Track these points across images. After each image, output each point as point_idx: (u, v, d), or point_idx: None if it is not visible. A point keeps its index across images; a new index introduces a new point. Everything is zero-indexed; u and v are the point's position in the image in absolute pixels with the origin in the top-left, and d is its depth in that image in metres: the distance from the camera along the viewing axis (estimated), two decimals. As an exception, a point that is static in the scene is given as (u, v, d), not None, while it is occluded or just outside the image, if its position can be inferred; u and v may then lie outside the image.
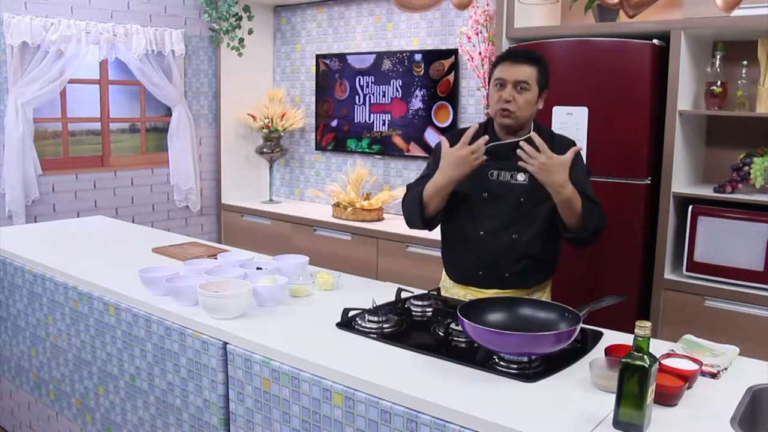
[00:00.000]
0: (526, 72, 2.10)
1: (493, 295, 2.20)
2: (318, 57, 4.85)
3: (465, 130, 2.14)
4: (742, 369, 1.66)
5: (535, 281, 2.27)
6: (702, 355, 1.67)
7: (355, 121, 4.68)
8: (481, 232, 2.20)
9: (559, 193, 2.02)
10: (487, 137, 2.06)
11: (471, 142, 2.08)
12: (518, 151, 2.00)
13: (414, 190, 2.24)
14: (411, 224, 2.27)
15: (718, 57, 2.97)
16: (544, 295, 2.33)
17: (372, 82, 4.56)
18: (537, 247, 2.20)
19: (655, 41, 2.91)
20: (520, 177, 2.16)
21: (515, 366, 1.60)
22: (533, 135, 2.03)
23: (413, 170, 4.40)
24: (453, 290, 2.34)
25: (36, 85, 4.03)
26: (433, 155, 2.30)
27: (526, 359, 1.60)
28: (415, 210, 2.19)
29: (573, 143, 2.22)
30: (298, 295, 2.21)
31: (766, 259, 2.73)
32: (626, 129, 2.97)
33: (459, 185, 2.13)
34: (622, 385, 1.33)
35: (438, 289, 2.28)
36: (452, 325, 1.80)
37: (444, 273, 2.41)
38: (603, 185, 3.04)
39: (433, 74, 4.23)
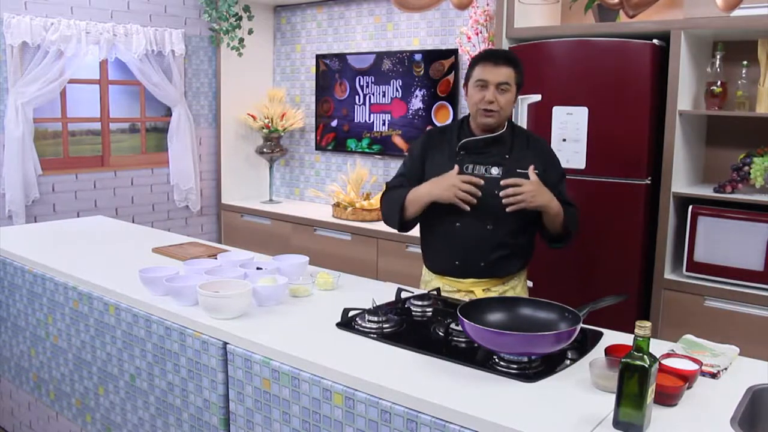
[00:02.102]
0: (507, 73, 2.19)
1: (470, 286, 2.30)
2: (318, 57, 4.85)
3: (445, 128, 2.38)
4: (742, 369, 1.66)
5: (509, 271, 2.33)
6: (702, 355, 1.67)
7: (355, 121, 4.68)
8: (457, 224, 2.27)
9: (549, 210, 2.18)
10: (479, 194, 2.17)
11: (447, 135, 2.31)
12: (504, 200, 2.13)
13: (394, 192, 2.35)
14: (388, 223, 2.39)
15: (718, 57, 2.97)
16: (520, 284, 2.40)
17: (372, 82, 4.56)
18: (511, 237, 2.27)
19: (655, 41, 2.91)
20: (494, 171, 2.25)
21: (515, 366, 1.60)
22: (504, 182, 2.14)
23: (413, 170, 4.40)
24: (432, 282, 2.39)
25: (36, 85, 4.03)
26: (409, 153, 2.43)
27: (526, 359, 1.60)
28: (394, 212, 2.31)
29: (545, 144, 2.40)
30: (298, 295, 2.21)
31: (766, 259, 2.73)
32: (626, 129, 2.97)
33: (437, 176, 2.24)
34: (622, 385, 1.33)
35: (438, 289, 2.29)
36: (452, 325, 1.80)
37: (424, 267, 2.47)
38: (603, 185, 3.05)
39: (433, 74, 4.23)
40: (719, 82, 2.94)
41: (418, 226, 2.42)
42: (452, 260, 2.31)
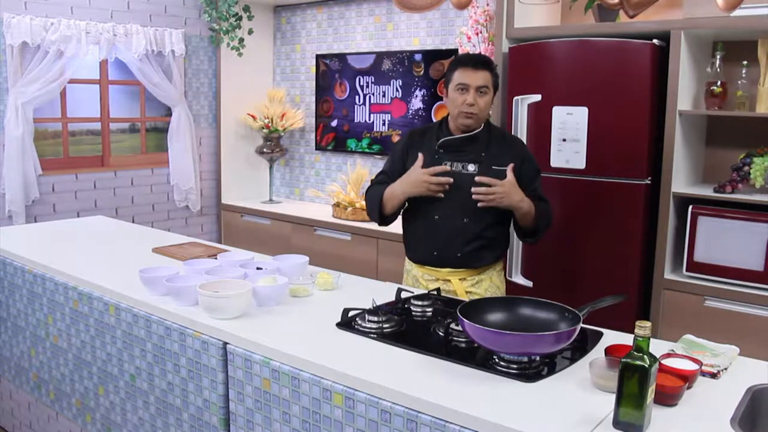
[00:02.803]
0: (485, 77, 2.33)
1: (446, 275, 2.43)
2: (318, 57, 4.85)
3: (425, 128, 2.53)
4: (742, 369, 1.66)
5: (486, 262, 2.46)
6: (702, 355, 1.67)
7: (355, 121, 4.68)
8: (436, 217, 2.41)
9: (519, 209, 2.32)
10: (451, 180, 2.31)
11: (428, 134, 2.46)
12: (474, 196, 2.27)
13: (375, 190, 2.50)
14: (370, 218, 2.54)
15: (718, 57, 2.97)
16: (495, 273, 2.52)
17: (372, 82, 4.56)
18: (486, 230, 2.40)
19: (655, 41, 2.91)
20: (471, 167, 2.37)
21: (515, 366, 1.60)
22: (478, 179, 2.27)
23: (413, 170, 4.40)
24: (412, 272, 2.54)
25: (36, 85, 4.03)
26: (392, 152, 2.58)
27: (526, 359, 1.60)
28: (374, 209, 2.48)
29: (521, 142, 2.55)
30: (298, 295, 2.21)
31: (766, 259, 2.73)
32: (626, 129, 2.97)
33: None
34: (622, 385, 1.33)
35: (438, 289, 2.29)
36: (452, 325, 1.80)
37: (406, 258, 2.60)
38: (603, 185, 3.05)
39: (433, 74, 4.23)
40: (719, 82, 2.94)
41: (400, 218, 2.56)
42: (431, 251, 2.44)
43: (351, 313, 1.96)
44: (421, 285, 2.48)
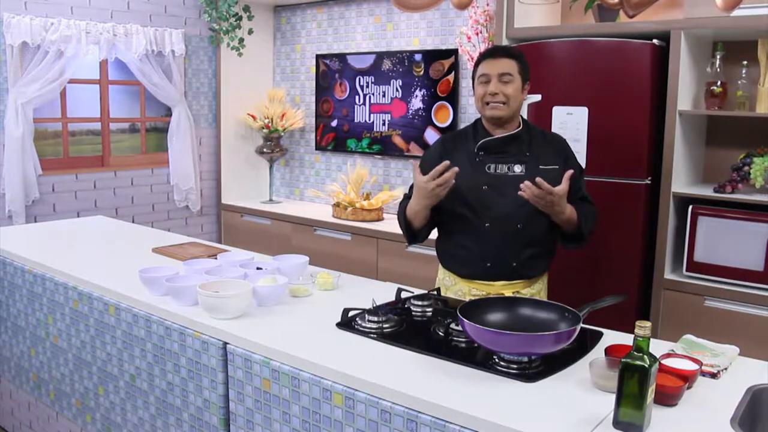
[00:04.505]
0: (508, 64, 2.19)
1: (500, 289, 2.25)
2: (318, 57, 4.85)
3: (457, 133, 2.39)
4: (742, 369, 1.66)
5: (539, 270, 2.31)
6: (702, 355, 1.67)
7: (355, 121, 4.68)
8: (486, 224, 2.21)
9: (559, 217, 2.17)
10: (448, 162, 2.10)
11: (462, 139, 2.29)
12: (520, 192, 2.08)
13: (402, 206, 2.31)
14: (405, 238, 2.36)
15: (718, 57, 2.97)
16: (543, 287, 2.37)
17: (372, 82, 4.56)
18: (540, 235, 2.24)
19: (655, 41, 2.91)
20: (517, 168, 2.22)
21: (515, 366, 1.60)
22: (538, 180, 2.05)
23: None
24: (455, 287, 2.32)
25: (36, 85, 4.03)
26: (422, 163, 2.28)
27: (526, 359, 1.60)
28: (402, 229, 2.31)
29: (563, 140, 2.37)
30: (298, 295, 2.21)
31: (766, 259, 2.73)
32: (626, 129, 2.97)
33: (459, 182, 2.15)
34: (622, 385, 1.33)
35: (438, 289, 2.28)
36: (452, 325, 1.80)
37: (441, 270, 2.40)
38: (603, 185, 3.05)
39: (433, 74, 4.23)
40: (719, 82, 2.94)
41: (435, 231, 2.37)
42: (483, 263, 2.24)
43: (351, 313, 1.96)
44: None
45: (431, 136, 4.25)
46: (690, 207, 2.93)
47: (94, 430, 2.41)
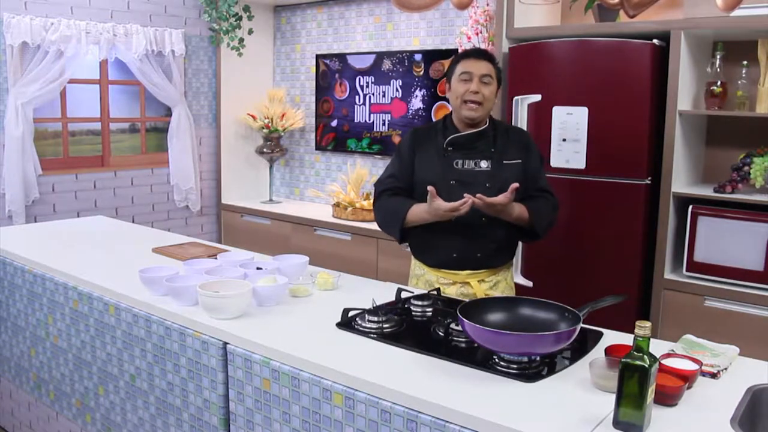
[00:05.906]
0: (488, 67, 2.30)
1: (466, 278, 2.37)
2: (318, 57, 4.85)
3: (429, 126, 2.47)
4: (742, 369, 1.66)
5: (503, 260, 2.43)
6: (702, 355, 1.67)
7: (355, 121, 4.68)
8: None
9: (509, 219, 2.27)
10: (470, 197, 2.16)
11: (432, 132, 2.39)
12: (475, 203, 2.16)
13: (389, 202, 2.38)
14: (386, 232, 2.44)
15: (718, 57, 2.97)
16: (509, 275, 2.49)
17: (372, 82, 4.56)
18: (504, 228, 2.34)
19: (655, 41, 2.91)
20: (483, 164, 2.34)
21: (515, 366, 1.60)
22: (479, 196, 2.15)
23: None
24: (425, 276, 2.44)
25: (36, 85, 4.03)
26: (397, 153, 2.48)
27: (526, 359, 1.60)
28: (394, 227, 2.36)
29: (526, 134, 2.51)
30: (298, 295, 2.21)
31: (766, 259, 2.73)
32: (626, 129, 2.97)
33: (427, 175, 2.33)
34: (622, 385, 1.33)
35: (438, 289, 2.29)
36: (452, 325, 1.80)
37: (414, 261, 2.51)
38: (603, 185, 3.05)
39: (433, 74, 4.23)
40: (719, 82, 2.94)
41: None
42: (450, 253, 2.37)
43: (351, 313, 1.96)
44: None
45: (431, 136, 4.24)
46: (690, 207, 2.93)
47: (94, 430, 2.41)
